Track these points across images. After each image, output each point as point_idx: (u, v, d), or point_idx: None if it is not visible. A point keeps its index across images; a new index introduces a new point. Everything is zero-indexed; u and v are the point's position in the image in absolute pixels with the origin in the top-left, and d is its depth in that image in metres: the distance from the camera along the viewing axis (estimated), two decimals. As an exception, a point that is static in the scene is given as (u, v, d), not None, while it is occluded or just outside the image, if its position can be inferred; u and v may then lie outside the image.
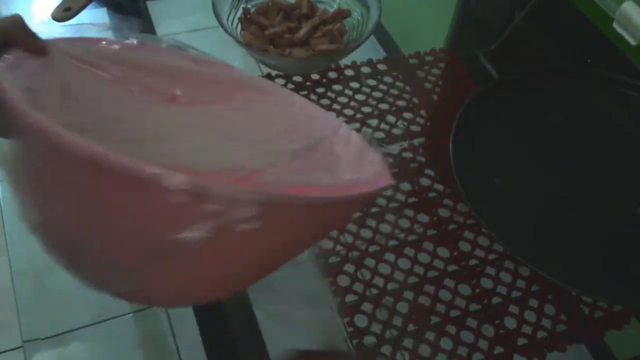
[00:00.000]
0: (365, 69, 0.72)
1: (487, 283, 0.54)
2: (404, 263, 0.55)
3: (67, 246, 0.27)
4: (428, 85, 0.71)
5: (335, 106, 0.68)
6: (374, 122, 0.67)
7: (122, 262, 0.26)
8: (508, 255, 0.56)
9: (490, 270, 0.55)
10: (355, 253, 0.55)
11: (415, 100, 0.69)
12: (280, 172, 0.39)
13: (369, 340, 0.50)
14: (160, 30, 0.78)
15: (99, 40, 0.39)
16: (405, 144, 0.65)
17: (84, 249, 0.26)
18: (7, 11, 0.80)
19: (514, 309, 0.53)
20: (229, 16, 0.72)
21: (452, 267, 0.55)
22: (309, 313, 0.45)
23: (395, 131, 0.66)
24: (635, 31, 0.62)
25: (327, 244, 0.55)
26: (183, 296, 0.29)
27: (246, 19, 0.73)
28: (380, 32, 0.81)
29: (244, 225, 0.23)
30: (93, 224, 0.25)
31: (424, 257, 0.56)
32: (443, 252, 0.56)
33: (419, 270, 0.55)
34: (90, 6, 0.73)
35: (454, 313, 0.52)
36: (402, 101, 0.69)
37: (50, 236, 0.27)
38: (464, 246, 0.57)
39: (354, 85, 0.70)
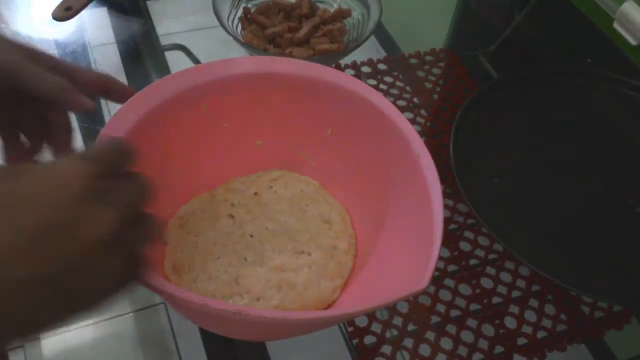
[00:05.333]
0: (366, 69, 0.72)
1: (487, 283, 0.54)
2: (404, 263, 0.55)
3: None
4: (428, 85, 0.71)
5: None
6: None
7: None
8: (508, 255, 0.56)
9: (490, 270, 0.55)
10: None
11: (415, 100, 0.69)
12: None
13: (369, 340, 0.50)
14: (161, 30, 0.78)
15: None
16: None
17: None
18: (8, 11, 0.80)
19: (514, 308, 0.53)
20: (229, 16, 0.72)
21: (452, 267, 0.55)
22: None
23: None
24: (635, 31, 0.62)
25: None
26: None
27: (246, 19, 0.73)
28: (380, 32, 0.81)
29: None
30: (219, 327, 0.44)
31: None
32: (443, 252, 0.56)
33: (419, 270, 0.54)
34: (90, 5, 0.73)
35: (454, 313, 0.52)
36: (402, 101, 0.69)
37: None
38: (464, 246, 0.57)
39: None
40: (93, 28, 0.78)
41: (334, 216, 0.52)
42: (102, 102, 0.73)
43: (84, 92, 0.40)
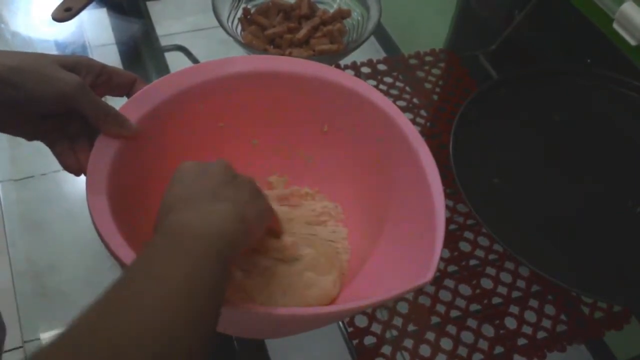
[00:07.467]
0: (365, 70, 0.72)
1: (487, 283, 0.54)
2: (404, 263, 0.55)
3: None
4: (428, 86, 0.71)
5: (335, 106, 0.68)
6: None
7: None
8: (508, 255, 0.56)
9: (490, 271, 0.55)
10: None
11: (415, 100, 0.69)
12: None
13: (369, 340, 0.50)
14: (160, 30, 0.78)
15: None
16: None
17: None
18: (8, 11, 0.80)
19: (514, 309, 0.53)
20: (229, 16, 0.72)
21: (452, 267, 0.55)
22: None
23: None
24: (635, 31, 0.62)
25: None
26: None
27: (246, 19, 0.73)
28: (380, 32, 0.81)
29: None
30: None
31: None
32: (443, 252, 0.55)
33: (419, 270, 0.54)
34: (90, 6, 0.73)
35: (454, 313, 0.52)
36: (402, 101, 0.69)
37: None
38: (464, 246, 0.57)
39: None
40: (93, 29, 0.78)
41: (326, 211, 0.53)
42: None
43: (119, 91, 0.47)
